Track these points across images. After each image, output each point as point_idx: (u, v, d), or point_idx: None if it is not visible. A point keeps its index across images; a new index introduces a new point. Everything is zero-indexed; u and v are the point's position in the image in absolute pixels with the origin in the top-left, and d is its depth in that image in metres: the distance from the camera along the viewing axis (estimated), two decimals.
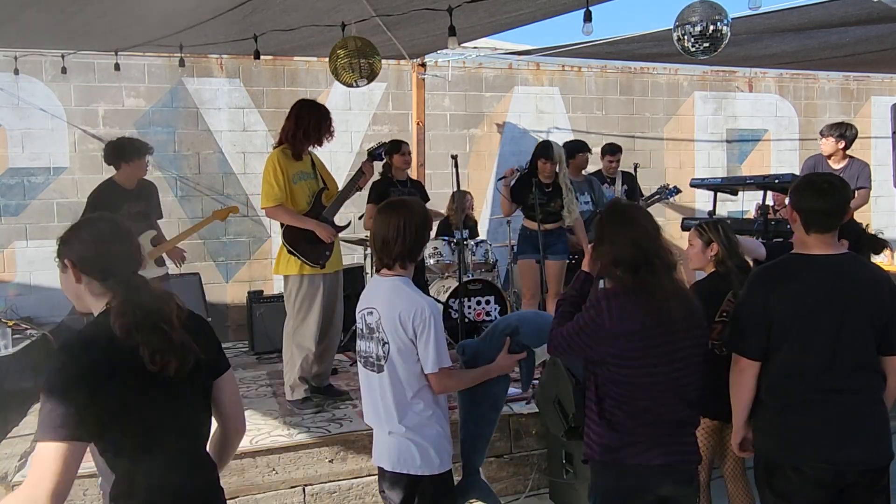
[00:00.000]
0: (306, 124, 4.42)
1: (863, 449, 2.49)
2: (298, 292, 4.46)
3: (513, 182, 5.45)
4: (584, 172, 6.37)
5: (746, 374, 2.60)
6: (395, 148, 5.86)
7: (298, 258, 4.42)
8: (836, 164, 5.90)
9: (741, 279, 3.18)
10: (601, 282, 2.68)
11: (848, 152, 5.95)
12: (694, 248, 3.36)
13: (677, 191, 6.78)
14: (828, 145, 5.87)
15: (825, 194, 2.52)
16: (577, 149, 6.21)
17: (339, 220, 4.64)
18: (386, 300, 2.66)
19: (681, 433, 2.46)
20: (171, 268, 5.37)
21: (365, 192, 6.14)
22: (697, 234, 3.35)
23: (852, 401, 2.50)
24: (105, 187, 4.93)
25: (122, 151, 4.89)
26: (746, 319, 2.60)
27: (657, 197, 6.98)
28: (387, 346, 2.62)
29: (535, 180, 5.31)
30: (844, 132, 5.83)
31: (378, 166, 5.61)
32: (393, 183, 5.78)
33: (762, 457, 2.64)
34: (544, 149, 5.49)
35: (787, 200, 5.42)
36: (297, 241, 4.42)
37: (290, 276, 4.47)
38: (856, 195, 5.87)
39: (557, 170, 5.44)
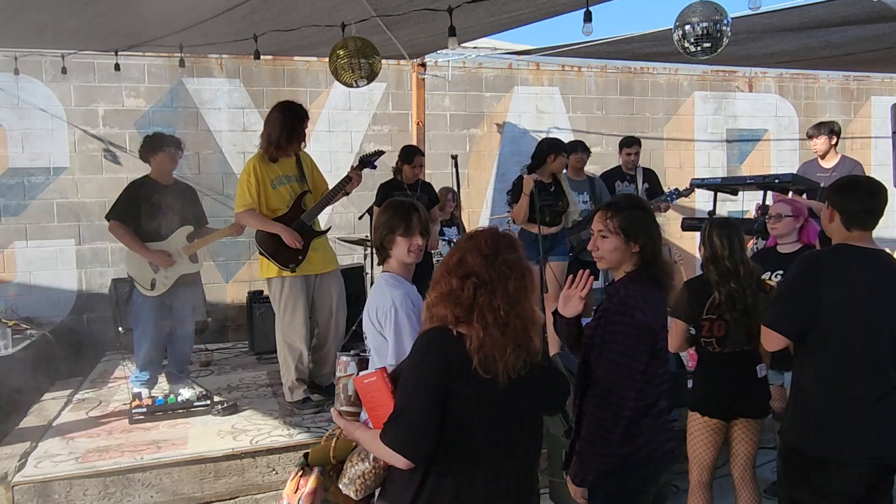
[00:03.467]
0: (279, 129, 4.46)
1: None
2: (281, 294, 4.50)
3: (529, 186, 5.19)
4: (586, 170, 6.35)
5: (774, 347, 2.65)
6: (407, 158, 5.84)
7: (269, 259, 4.46)
8: (827, 164, 5.88)
9: (722, 281, 3.21)
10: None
11: (841, 150, 5.95)
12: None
13: (679, 194, 6.70)
14: (822, 143, 5.87)
15: (872, 195, 2.61)
16: (570, 149, 6.20)
17: (329, 222, 4.65)
18: (369, 297, 2.77)
19: (667, 419, 2.52)
20: None
21: (369, 193, 6.15)
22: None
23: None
24: (138, 180, 5.00)
25: (146, 146, 4.99)
26: (792, 304, 2.60)
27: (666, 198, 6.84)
28: (367, 341, 2.66)
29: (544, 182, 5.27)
30: (832, 128, 5.85)
31: (384, 166, 5.61)
32: (399, 187, 5.77)
33: (801, 452, 2.60)
34: (561, 144, 5.45)
35: (797, 197, 5.40)
36: (267, 242, 4.46)
37: (272, 278, 4.53)
38: None
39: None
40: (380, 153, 4.77)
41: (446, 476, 1.95)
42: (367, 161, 4.65)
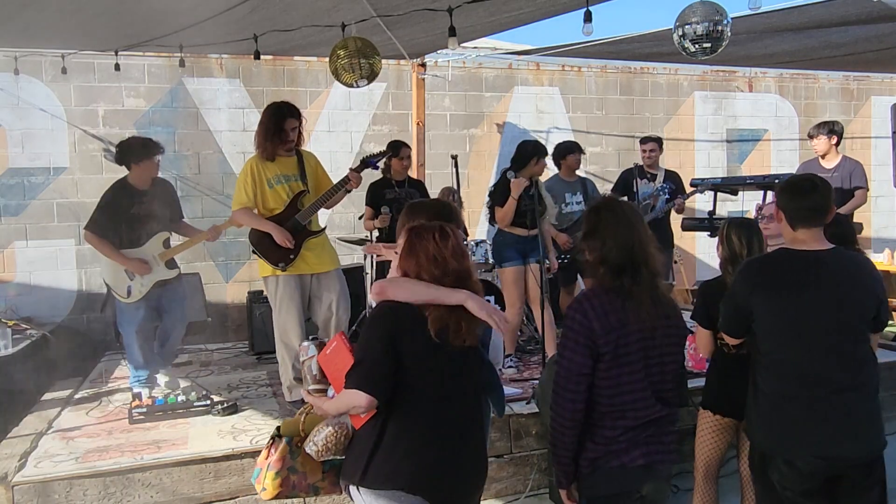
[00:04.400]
0: (261, 130, 4.49)
1: (855, 443, 2.54)
2: (276, 293, 4.52)
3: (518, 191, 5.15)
4: (578, 171, 6.32)
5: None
6: (394, 151, 5.83)
7: (260, 257, 4.50)
8: (828, 164, 5.88)
9: None
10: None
11: (842, 151, 5.94)
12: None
13: (671, 189, 6.65)
14: (821, 143, 5.87)
15: (808, 192, 2.65)
16: (568, 149, 6.17)
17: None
18: None
19: (660, 432, 2.44)
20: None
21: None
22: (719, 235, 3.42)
23: (846, 395, 2.55)
24: (118, 186, 4.92)
25: (131, 152, 4.86)
26: (731, 309, 2.79)
27: (657, 192, 6.73)
28: None
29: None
30: (833, 128, 5.84)
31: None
32: (389, 184, 5.75)
33: (757, 449, 2.71)
34: (544, 148, 5.44)
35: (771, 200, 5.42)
36: (260, 241, 4.48)
37: (267, 277, 4.55)
38: (854, 195, 5.88)
39: None
40: (384, 153, 4.76)
41: (404, 420, 2.23)
42: (369, 161, 4.64)
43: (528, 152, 5.28)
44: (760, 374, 2.68)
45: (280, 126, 4.45)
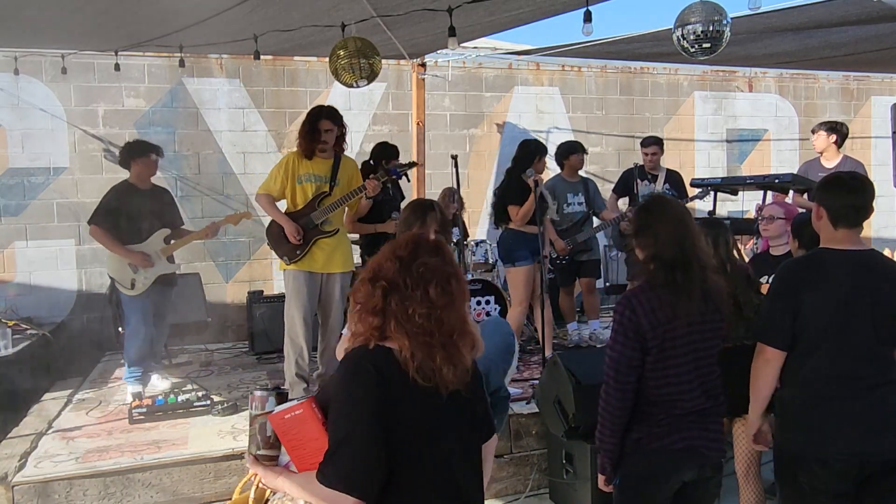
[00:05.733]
0: (300, 130, 4.70)
1: (887, 437, 2.52)
2: (287, 287, 4.72)
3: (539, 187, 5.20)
4: (582, 172, 6.32)
5: (771, 364, 2.64)
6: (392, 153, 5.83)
7: (271, 248, 4.75)
8: (829, 163, 5.85)
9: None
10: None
11: (843, 151, 5.92)
12: None
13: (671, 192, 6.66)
14: (820, 140, 5.85)
15: (854, 191, 2.62)
16: (572, 149, 6.17)
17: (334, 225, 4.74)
18: None
19: (704, 421, 2.49)
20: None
21: None
22: None
23: (880, 393, 2.54)
24: (120, 185, 5.15)
25: (129, 151, 5.15)
26: (775, 311, 2.64)
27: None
28: None
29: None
30: (835, 126, 5.82)
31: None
32: (383, 186, 5.75)
33: (787, 452, 2.66)
34: (544, 146, 5.50)
35: (796, 197, 5.39)
36: (273, 232, 4.71)
37: (283, 271, 4.76)
38: None
39: None
40: (412, 164, 4.87)
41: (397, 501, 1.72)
42: (392, 170, 4.74)
43: (531, 150, 5.43)
44: (792, 375, 2.62)
45: (314, 126, 4.64)
